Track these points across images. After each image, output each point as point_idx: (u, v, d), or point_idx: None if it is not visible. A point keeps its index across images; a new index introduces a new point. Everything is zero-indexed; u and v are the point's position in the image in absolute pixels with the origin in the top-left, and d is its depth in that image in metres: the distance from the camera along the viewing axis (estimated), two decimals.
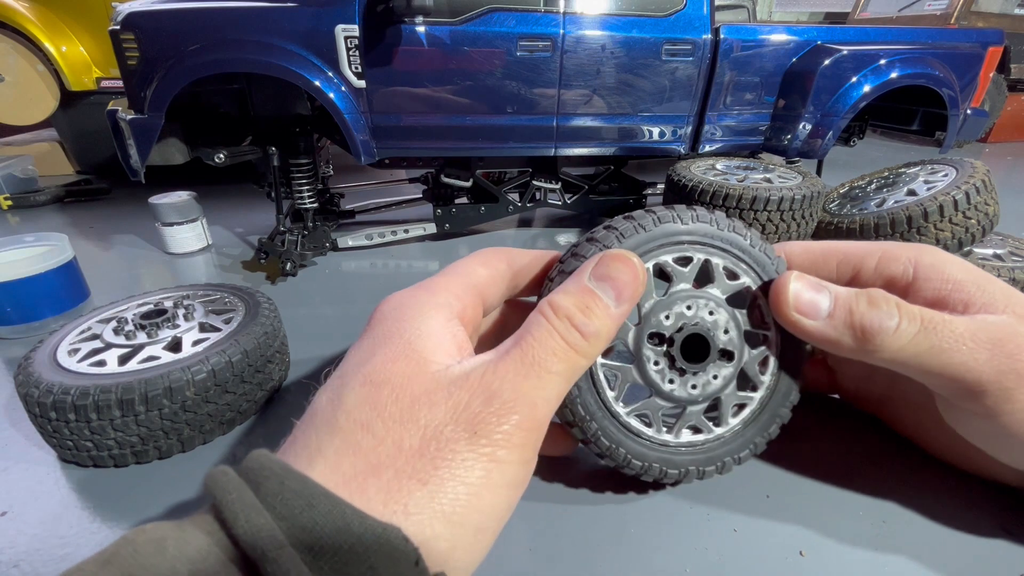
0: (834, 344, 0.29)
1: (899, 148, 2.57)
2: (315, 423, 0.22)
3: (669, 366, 0.30)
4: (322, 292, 0.92)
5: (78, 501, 0.44)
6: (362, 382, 0.23)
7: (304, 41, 0.98)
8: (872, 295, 0.29)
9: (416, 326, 0.25)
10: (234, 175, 1.38)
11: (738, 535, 0.35)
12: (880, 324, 0.28)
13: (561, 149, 1.20)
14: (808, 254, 0.34)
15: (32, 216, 1.44)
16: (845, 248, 0.33)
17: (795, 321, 0.30)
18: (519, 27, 1.06)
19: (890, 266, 0.32)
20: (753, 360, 0.31)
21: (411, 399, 0.22)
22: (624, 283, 0.26)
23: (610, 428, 0.29)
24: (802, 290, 0.29)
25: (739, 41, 1.18)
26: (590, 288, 0.26)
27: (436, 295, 0.27)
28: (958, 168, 0.89)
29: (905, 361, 0.28)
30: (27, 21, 1.61)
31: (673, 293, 0.30)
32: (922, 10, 2.84)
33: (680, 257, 0.30)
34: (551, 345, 0.24)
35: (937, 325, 0.27)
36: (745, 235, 0.31)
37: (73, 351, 0.52)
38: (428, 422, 0.21)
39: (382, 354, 0.24)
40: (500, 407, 0.22)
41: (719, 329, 0.30)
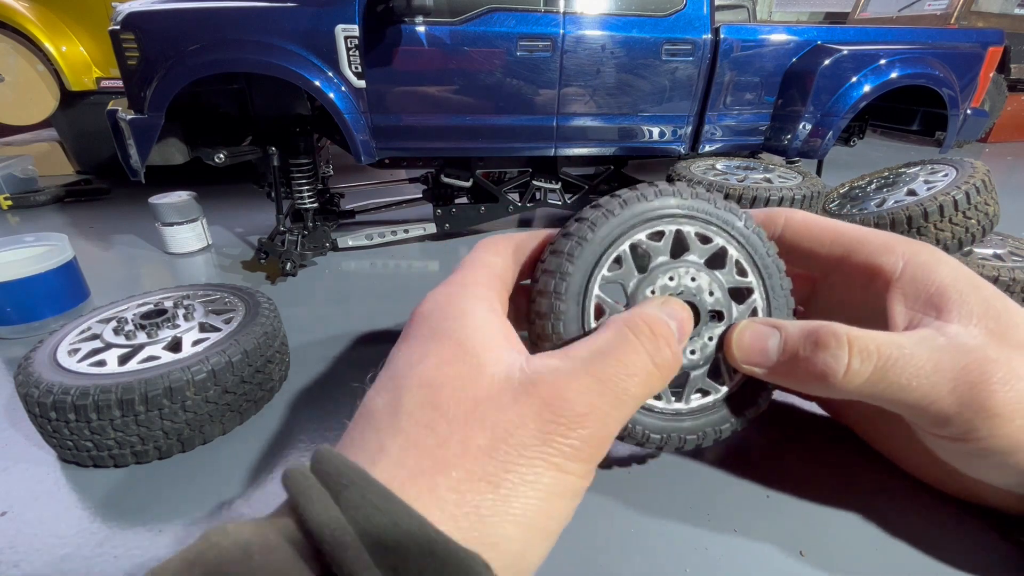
0: (793, 386, 0.30)
1: (899, 148, 2.58)
2: (373, 425, 0.22)
3: None
4: (322, 292, 0.92)
5: (78, 501, 0.44)
6: (419, 384, 0.22)
7: (304, 41, 0.98)
8: (820, 336, 0.28)
9: (463, 324, 0.24)
10: (234, 175, 1.38)
11: (738, 535, 0.35)
12: (827, 367, 0.27)
13: (561, 149, 1.20)
14: (805, 224, 0.35)
15: (32, 216, 1.44)
16: (844, 229, 0.34)
17: (744, 369, 0.31)
18: (519, 27, 1.06)
19: (882, 256, 0.31)
20: (742, 315, 0.32)
21: (474, 401, 0.22)
22: (683, 321, 0.27)
23: None
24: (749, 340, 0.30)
25: (739, 41, 1.18)
26: (664, 319, 0.26)
27: (470, 288, 0.27)
28: (958, 168, 0.89)
29: (864, 396, 0.28)
30: (27, 21, 1.61)
31: (653, 268, 0.31)
32: (922, 10, 2.85)
33: (652, 233, 0.31)
34: (638, 366, 0.24)
35: (895, 360, 0.27)
36: (709, 199, 0.32)
37: (73, 351, 0.52)
38: (496, 423, 0.21)
39: (435, 355, 0.23)
40: (573, 419, 0.22)
41: (704, 292, 0.31)
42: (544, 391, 0.22)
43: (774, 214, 0.36)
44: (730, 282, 0.32)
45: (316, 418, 0.54)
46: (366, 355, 0.67)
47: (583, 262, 0.30)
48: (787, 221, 0.35)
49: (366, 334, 0.74)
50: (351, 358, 0.66)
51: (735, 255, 0.32)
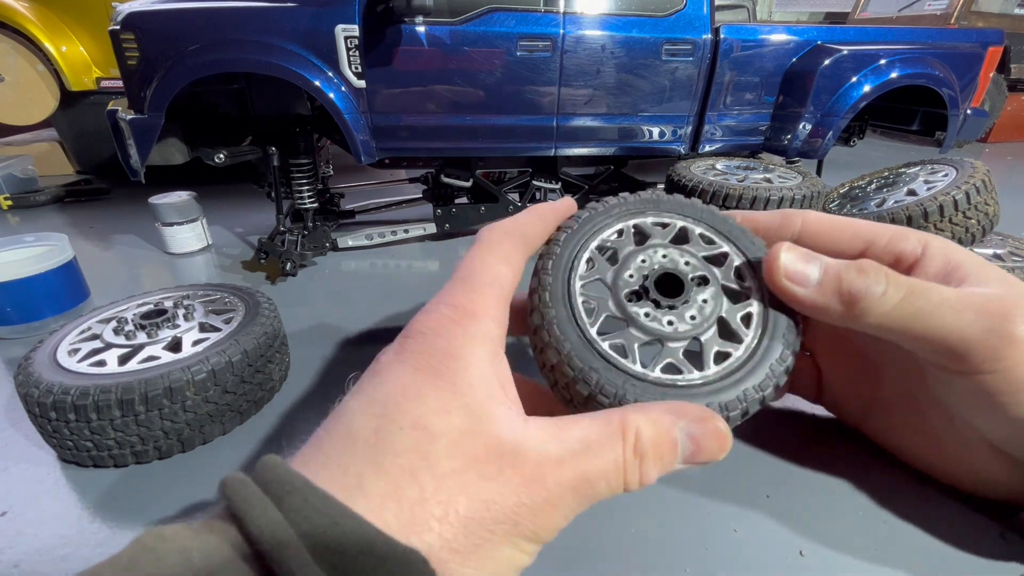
0: (822, 310, 0.30)
1: (899, 148, 2.58)
2: (354, 449, 0.21)
3: (644, 297, 0.31)
4: (322, 292, 0.92)
5: (78, 501, 0.44)
6: (412, 425, 0.22)
7: (304, 41, 0.98)
8: (862, 264, 0.30)
9: (465, 370, 0.24)
10: (234, 175, 1.38)
11: (738, 535, 0.35)
12: (867, 290, 0.29)
13: (561, 149, 1.20)
14: (821, 223, 0.35)
15: (32, 216, 1.44)
16: (860, 223, 0.35)
17: (785, 287, 0.30)
18: (519, 27, 1.06)
19: (901, 243, 0.33)
20: (733, 313, 0.32)
21: (466, 461, 0.22)
22: (705, 453, 0.25)
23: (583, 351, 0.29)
24: (793, 260, 0.30)
25: (739, 41, 1.18)
26: (675, 440, 0.25)
27: (479, 322, 0.25)
28: (958, 168, 0.89)
29: (891, 326, 0.29)
30: (27, 21, 1.61)
31: (650, 244, 0.32)
32: (922, 10, 2.85)
33: (658, 222, 0.33)
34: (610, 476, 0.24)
35: (924, 291, 0.28)
36: (655, 196, 0.34)
37: (73, 351, 0.52)
38: (478, 494, 0.21)
39: (434, 399, 0.22)
40: (542, 510, 0.22)
41: (679, 263, 0.32)
42: (529, 471, 0.22)
43: (790, 215, 0.36)
44: (701, 251, 0.33)
45: (316, 418, 0.54)
46: (366, 355, 0.67)
47: (558, 271, 0.31)
48: (804, 221, 0.35)
49: (366, 334, 0.74)
50: (351, 358, 0.66)
51: (696, 229, 0.34)
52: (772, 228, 0.37)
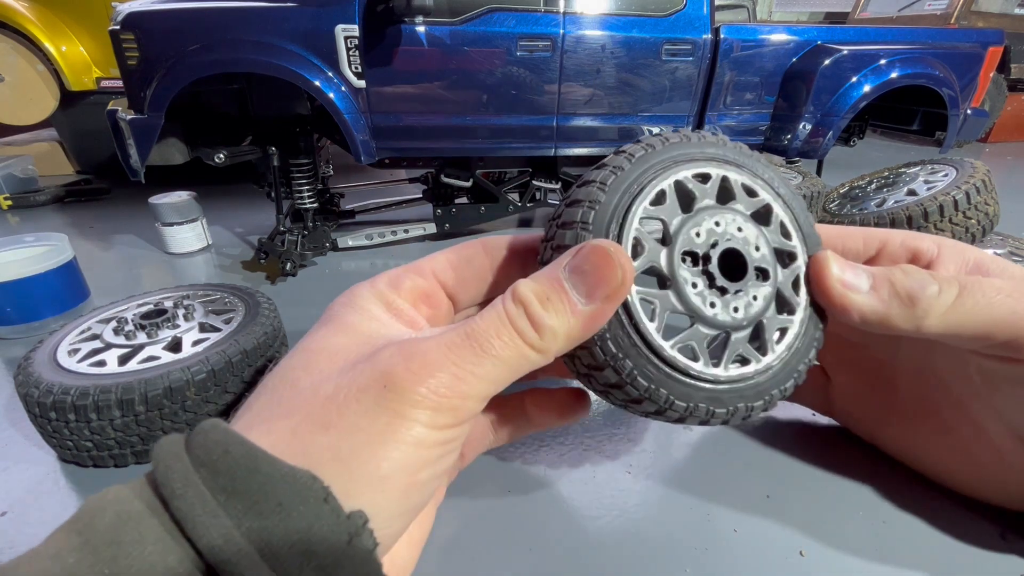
0: (883, 316, 0.28)
1: (899, 148, 2.58)
2: (256, 393, 0.24)
3: (708, 286, 0.27)
4: (322, 292, 0.92)
5: (78, 501, 0.44)
6: (300, 350, 0.24)
7: (304, 41, 0.98)
8: (906, 268, 0.29)
9: (358, 307, 0.26)
10: (234, 175, 1.38)
11: (738, 535, 0.35)
12: (923, 289, 0.28)
13: (561, 149, 1.20)
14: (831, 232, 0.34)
15: (32, 216, 1.44)
16: (871, 230, 0.34)
17: (842, 295, 0.28)
18: (519, 27, 1.06)
19: (916, 241, 0.32)
20: (787, 280, 0.29)
21: (342, 362, 0.23)
22: (599, 280, 0.23)
23: (647, 366, 0.25)
24: (843, 267, 0.29)
25: (739, 41, 1.18)
26: (560, 279, 0.23)
27: (376, 285, 0.28)
28: (958, 168, 0.89)
29: (955, 324, 0.28)
30: (27, 21, 1.61)
31: (699, 209, 0.27)
32: (922, 10, 2.85)
33: (698, 174, 0.28)
34: (498, 328, 0.22)
35: (975, 284, 0.28)
36: (753, 155, 0.30)
37: (73, 351, 0.52)
38: (345, 377, 0.22)
39: (323, 330, 0.25)
40: (420, 367, 0.21)
41: (750, 245, 0.28)
42: (405, 344, 0.22)
43: None
44: (775, 242, 0.29)
45: None
46: None
47: (618, 191, 0.26)
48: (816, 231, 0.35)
49: None
50: None
51: (780, 215, 0.29)
52: None
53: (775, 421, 0.45)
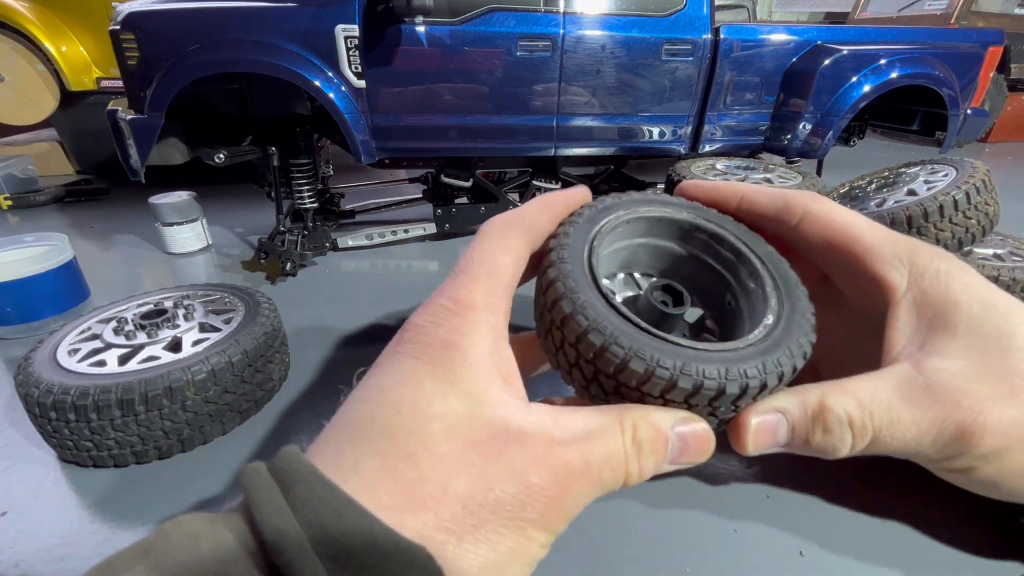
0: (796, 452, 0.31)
1: (899, 148, 2.58)
2: (351, 435, 0.21)
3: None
4: (322, 292, 0.92)
5: (78, 501, 0.44)
6: (409, 409, 0.21)
7: (304, 41, 0.98)
8: (827, 422, 0.29)
9: (465, 355, 0.23)
10: (234, 175, 1.38)
11: (738, 535, 0.35)
12: (834, 447, 0.29)
13: (561, 149, 1.20)
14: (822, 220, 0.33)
15: (32, 216, 1.44)
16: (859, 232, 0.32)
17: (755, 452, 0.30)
18: (519, 27, 1.06)
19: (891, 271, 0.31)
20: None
21: (465, 442, 0.21)
22: (691, 455, 0.26)
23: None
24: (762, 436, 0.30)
25: (739, 41, 1.18)
26: (667, 436, 0.25)
27: (478, 312, 0.25)
28: (958, 168, 0.89)
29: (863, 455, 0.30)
30: (27, 21, 1.61)
31: None
32: (922, 10, 2.85)
33: None
34: (613, 463, 0.23)
35: (886, 428, 0.29)
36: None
37: (73, 351, 0.52)
38: (480, 474, 0.21)
39: (431, 384, 0.22)
40: (549, 492, 0.21)
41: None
42: (535, 451, 0.21)
43: (792, 203, 0.33)
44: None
45: (316, 418, 0.54)
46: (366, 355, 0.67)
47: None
48: (806, 212, 0.33)
49: (366, 334, 0.74)
50: (351, 358, 0.66)
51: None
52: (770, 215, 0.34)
53: None
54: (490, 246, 0.28)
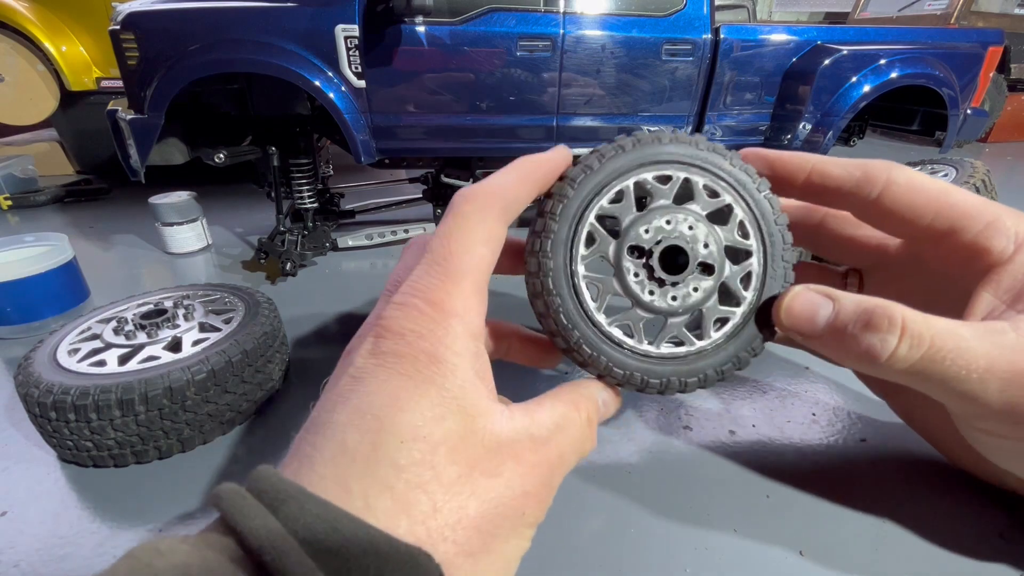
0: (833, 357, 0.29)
1: (899, 148, 2.58)
2: (353, 468, 0.20)
3: (648, 277, 0.31)
4: (322, 292, 0.92)
5: (78, 501, 0.44)
6: (412, 437, 0.21)
7: (304, 41, 0.98)
8: (874, 317, 0.27)
9: (454, 369, 0.23)
10: (234, 175, 1.38)
11: (738, 535, 0.35)
12: (872, 349, 0.27)
13: None
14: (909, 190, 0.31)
15: (32, 216, 1.44)
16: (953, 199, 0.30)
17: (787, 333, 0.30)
18: (519, 27, 1.06)
19: (992, 238, 0.29)
20: (735, 275, 0.32)
21: (468, 464, 0.22)
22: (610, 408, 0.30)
23: (591, 336, 0.31)
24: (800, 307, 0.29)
25: (739, 41, 1.18)
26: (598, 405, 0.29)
27: (461, 320, 0.24)
28: (958, 168, 0.89)
29: (907, 380, 0.27)
30: (27, 21, 1.61)
31: (652, 209, 0.31)
32: (922, 10, 2.84)
33: (660, 176, 0.32)
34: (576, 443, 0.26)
35: (948, 351, 0.26)
36: (726, 155, 0.32)
37: (73, 351, 0.52)
38: (486, 494, 0.22)
39: (428, 407, 0.22)
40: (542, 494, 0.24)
41: (698, 243, 0.31)
42: (529, 459, 0.23)
43: (872, 173, 0.31)
44: (729, 240, 0.32)
45: None
46: None
47: (585, 188, 0.31)
48: (888, 183, 0.31)
49: None
50: None
51: (741, 215, 0.32)
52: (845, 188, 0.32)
53: (775, 421, 0.45)
54: (467, 234, 0.26)
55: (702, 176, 0.32)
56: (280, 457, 0.21)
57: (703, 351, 0.31)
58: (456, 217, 0.26)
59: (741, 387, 0.52)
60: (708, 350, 0.31)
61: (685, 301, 0.31)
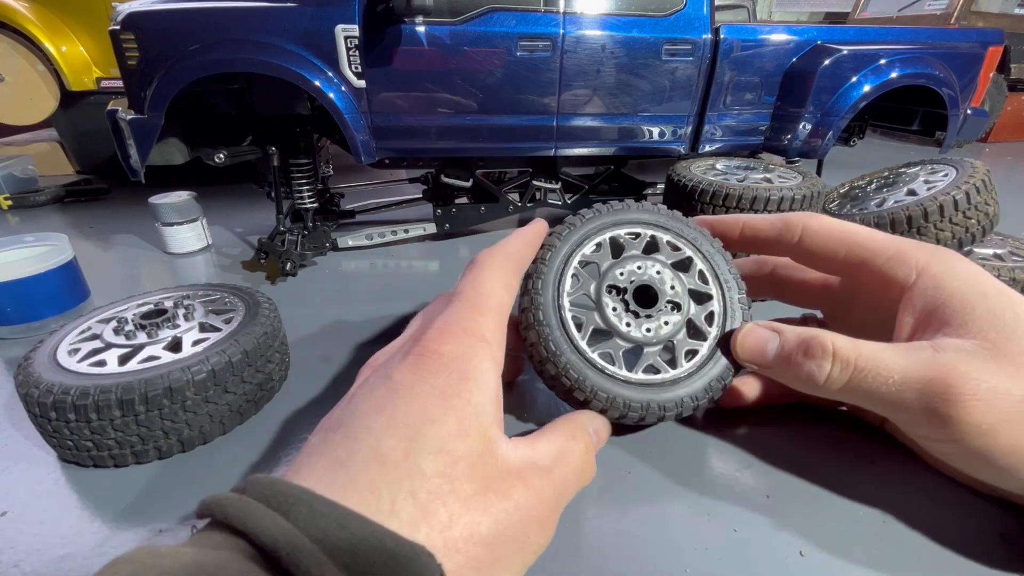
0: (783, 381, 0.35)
1: (899, 148, 2.57)
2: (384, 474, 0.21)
3: (624, 310, 0.36)
4: (322, 292, 0.92)
5: (78, 501, 0.44)
6: (439, 449, 0.23)
7: (304, 41, 0.98)
8: (811, 346, 0.32)
9: (482, 393, 0.25)
10: (234, 175, 1.38)
11: (738, 535, 0.35)
12: (811, 373, 0.32)
13: (561, 149, 1.20)
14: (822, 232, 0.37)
15: (32, 216, 1.44)
16: (860, 237, 0.36)
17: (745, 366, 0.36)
18: (519, 27, 1.06)
19: (896, 268, 0.33)
20: (700, 313, 0.37)
21: (483, 484, 0.23)
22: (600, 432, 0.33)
23: (576, 362, 0.34)
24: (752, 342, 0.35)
25: (739, 41, 1.18)
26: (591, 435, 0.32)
27: (489, 347, 0.27)
28: (958, 168, 0.89)
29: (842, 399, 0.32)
30: (27, 21, 1.61)
31: (626, 257, 0.38)
32: (922, 10, 2.84)
33: (631, 232, 0.38)
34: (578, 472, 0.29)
35: (869, 371, 0.30)
36: (684, 220, 0.39)
37: (73, 351, 0.52)
38: (497, 515, 0.23)
39: (455, 422, 0.24)
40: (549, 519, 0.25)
41: (666, 284, 0.37)
42: (536, 485, 0.25)
43: (791, 222, 0.38)
44: (691, 284, 0.37)
45: (316, 418, 0.54)
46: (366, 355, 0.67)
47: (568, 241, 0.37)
48: (804, 229, 0.37)
49: (366, 334, 0.74)
50: (351, 358, 0.66)
51: (700, 265, 0.38)
52: (772, 237, 0.39)
53: (775, 423, 0.45)
54: (494, 281, 0.31)
55: (665, 234, 0.39)
56: (280, 458, 0.21)
57: (677, 379, 0.35)
58: (483, 270, 0.31)
59: None
60: (681, 378, 0.36)
61: (658, 332, 0.36)
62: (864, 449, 0.41)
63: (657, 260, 0.37)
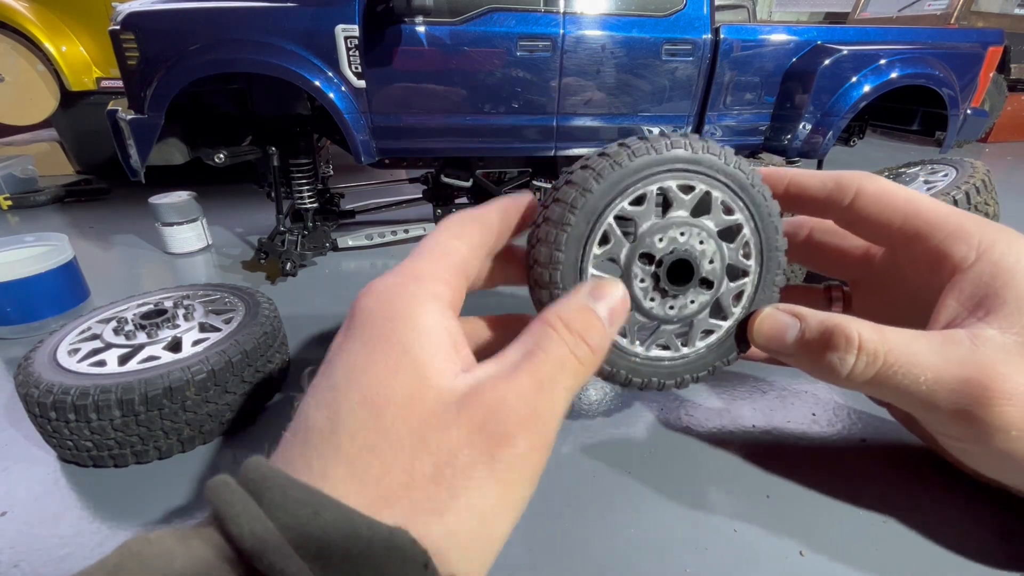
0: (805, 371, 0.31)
1: (899, 148, 2.57)
2: (312, 442, 0.21)
3: (653, 286, 0.31)
4: (322, 292, 0.92)
5: (78, 501, 0.44)
6: (360, 401, 0.21)
7: (304, 41, 0.98)
8: (833, 336, 0.29)
9: (411, 327, 0.23)
10: (234, 175, 1.38)
11: (738, 535, 0.35)
12: (832, 366, 0.29)
13: (561, 149, 1.20)
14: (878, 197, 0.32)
15: (32, 216, 1.44)
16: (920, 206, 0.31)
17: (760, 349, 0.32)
18: (519, 27, 1.06)
19: (955, 244, 0.30)
20: (729, 292, 0.33)
21: (419, 420, 0.21)
22: (616, 306, 0.26)
23: None
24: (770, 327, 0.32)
25: (739, 41, 1.18)
26: (590, 307, 0.25)
27: (425, 284, 0.24)
28: (958, 168, 0.89)
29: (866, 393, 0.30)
30: (27, 21, 1.61)
31: (671, 219, 0.31)
32: (922, 10, 2.84)
33: (683, 185, 0.31)
34: (563, 360, 0.23)
35: (899, 367, 0.27)
36: (748, 173, 0.32)
37: (73, 351, 0.52)
38: (440, 446, 0.20)
39: (380, 366, 0.22)
40: (515, 426, 0.21)
41: (705, 259, 0.31)
42: (487, 400, 0.21)
43: (844, 182, 0.33)
44: (732, 259, 0.32)
45: None
46: None
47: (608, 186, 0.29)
48: (859, 191, 0.33)
49: None
50: None
51: (747, 236, 0.32)
52: (820, 197, 0.34)
53: (775, 421, 0.45)
54: (443, 234, 0.28)
55: (722, 192, 0.31)
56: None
57: (686, 357, 0.33)
58: (435, 230, 0.29)
59: (741, 387, 0.52)
60: (691, 357, 0.33)
61: (681, 312, 0.32)
62: (864, 449, 0.41)
63: (704, 227, 0.31)
